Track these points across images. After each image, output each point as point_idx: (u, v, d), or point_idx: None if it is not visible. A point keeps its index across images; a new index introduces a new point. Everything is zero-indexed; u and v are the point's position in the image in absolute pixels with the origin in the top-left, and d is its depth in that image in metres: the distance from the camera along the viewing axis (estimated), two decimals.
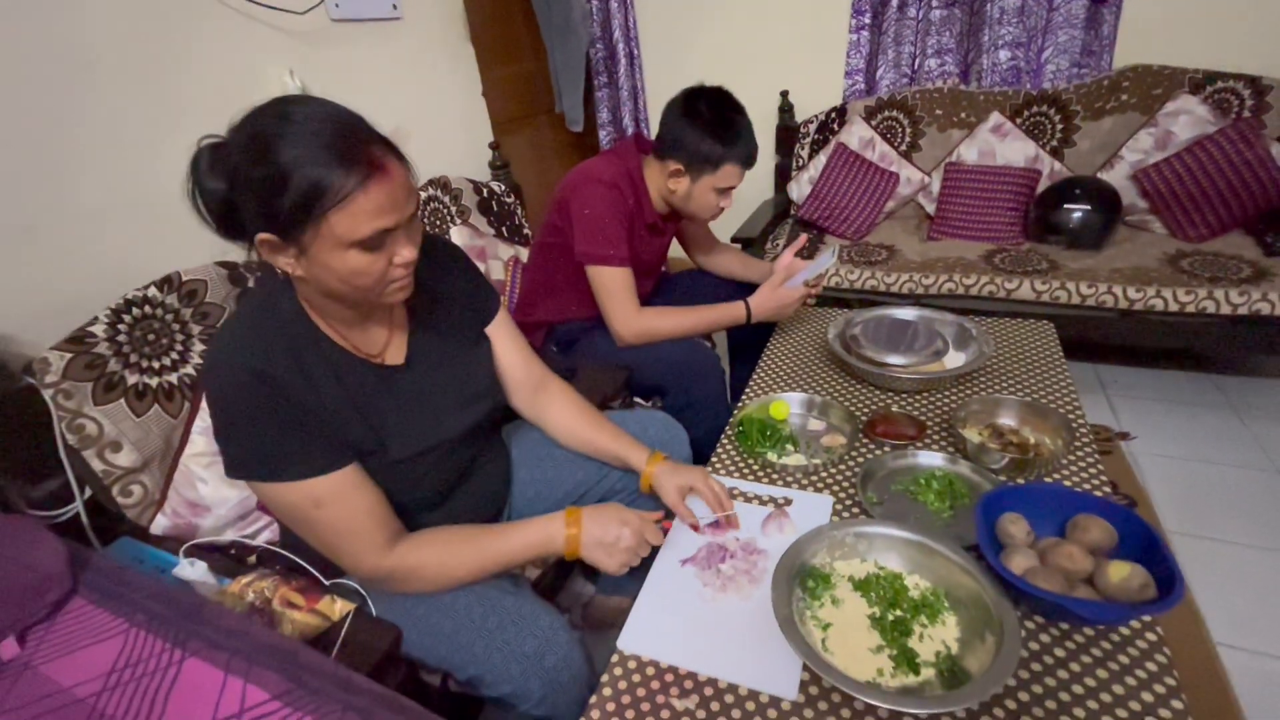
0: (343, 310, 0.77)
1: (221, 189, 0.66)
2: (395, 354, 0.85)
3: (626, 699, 0.70)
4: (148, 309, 1.07)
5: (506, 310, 1.01)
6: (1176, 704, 0.64)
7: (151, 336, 1.07)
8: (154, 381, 1.05)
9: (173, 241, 1.25)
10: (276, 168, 0.61)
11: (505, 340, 0.99)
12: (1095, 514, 0.79)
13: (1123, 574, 0.70)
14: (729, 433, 1.13)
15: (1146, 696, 0.65)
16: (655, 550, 0.88)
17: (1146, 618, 0.72)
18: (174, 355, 1.10)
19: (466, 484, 0.94)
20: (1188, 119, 1.95)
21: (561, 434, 1.04)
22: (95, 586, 0.69)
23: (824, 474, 1.02)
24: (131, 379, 1.03)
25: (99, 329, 1.01)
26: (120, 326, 1.03)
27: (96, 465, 0.97)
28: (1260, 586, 1.32)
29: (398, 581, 0.79)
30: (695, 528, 0.92)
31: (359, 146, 0.64)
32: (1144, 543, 0.74)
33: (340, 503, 0.74)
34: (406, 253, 0.71)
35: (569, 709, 0.78)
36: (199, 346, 1.13)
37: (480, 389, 0.94)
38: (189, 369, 1.11)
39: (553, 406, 1.04)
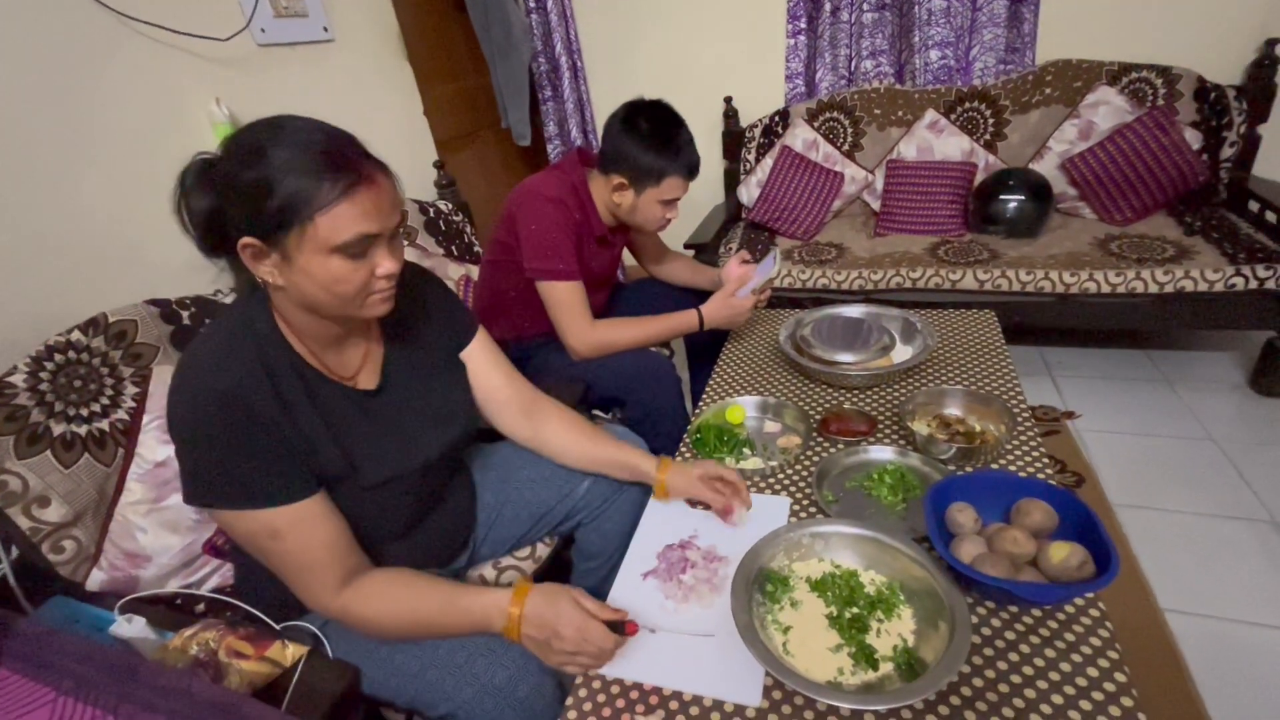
0: (320, 329, 0.76)
1: (208, 200, 0.68)
2: (369, 378, 0.84)
3: None
4: (72, 354, 1.02)
5: (485, 333, 0.99)
6: (1120, 676, 0.66)
7: (78, 383, 1.02)
8: (83, 430, 1.00)
9: (98, 282, 1.20)
10: (266, 171, 0.63)
11: (486, 362, 0.98)
12: (1037, 497, 0.82)
13: (1062, 554, 0.72)
14: (687, 440, 1.14)
15: (1093, 671, 0.67)
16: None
17: (1089, 594, 0.75)
18: (104, 400, 1.04)
19: (435, 513, 0.93)
20: (1107, 109, 2.05)
21: (562, 452, 1.02)
22: (19, 654, 0.65)
23: (780, 476, 1.03)
24: (58, 429, 0.97)
25: (18, 378, 0.95)
26: (42, 374, 0.98)
27: (23, 522, 0.92)
28: (1201, 552, 1.39)
29: (346, 623, 0.77)
30: (729, 510, 0.93)
31: (348, 156, 0.66)
32: (1083, 522, 0.77)
33: (297, 536, 0.72)
34: (389, 264, 0.71)
35: None
36: (132, 389, 1.08)
37: (454, 414, 0.92)
38: (122, 414, 1.06)
39: (549, 425, 1.02)
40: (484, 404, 0.99)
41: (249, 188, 0.64)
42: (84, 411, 1.02)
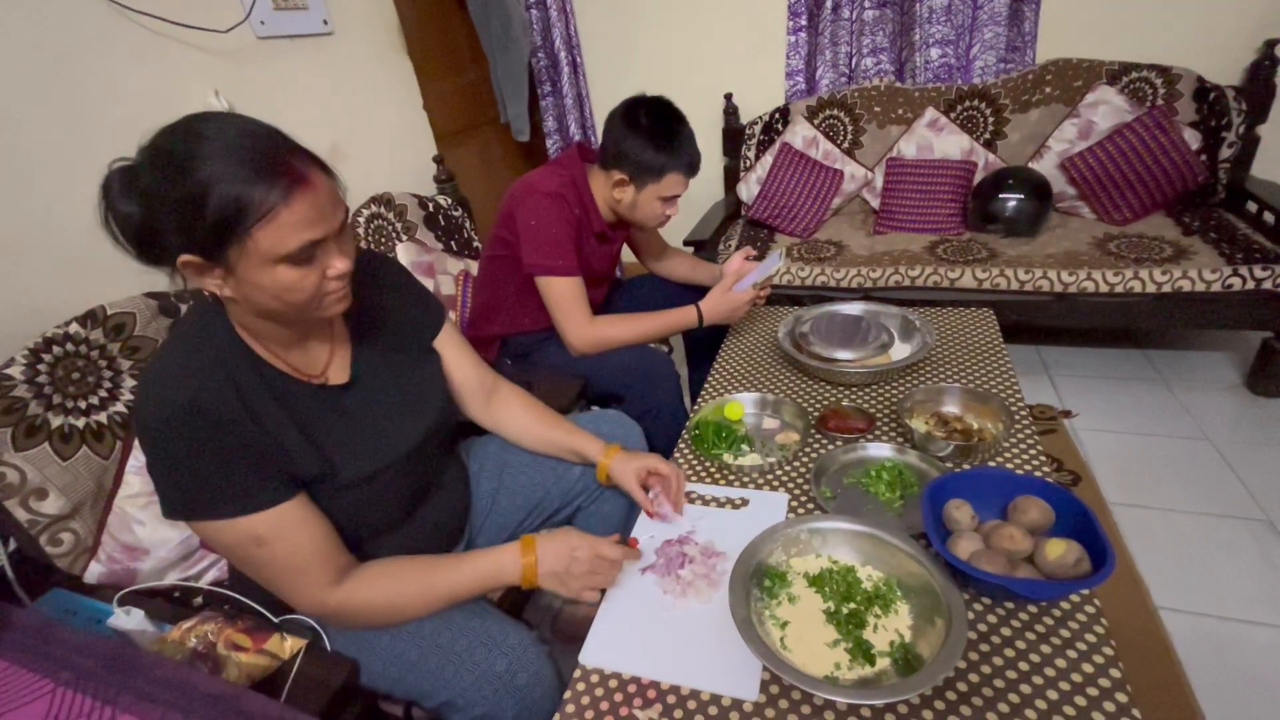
0: (279, 330, 0.74)
1: (136, 213, 0.63)
2: (339, 373, 0.82)
3: (590, 714, 0.70)
4: (70, 346, 1.02)
5: (452, 322, 1.00)
6: (1114, 672, 0.67)
7: (76, 375, 1.02)
8: (80, 422, 1.00)
9: (96, 275, 1.19)
10: (193, 186, 0.59)
11: (454, 351, 0.99)
12: (1034, 495, 0.82)
13: (1059, 551, 0.72)
14: (685, 436, 1.14)
15: (1087, 667, 0.67)
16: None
17: (1085, 591, 0.75)
18: (102, 393, 1.04)
19: (426, 505, 0.92)
20: (1107, 109, 2.05)
21: (518, 435, 1.05)
22: (17, 645, 0.65)
23: (779, 472, 1.03)
24: (55, 421, 0.97)
25: (16, 370, 0.95)
26: (40, 367, 0.98)
27: (20, 515, 0.92)
28: (1196, 550, 1.39)
29: (344, 619, 0.77)
30: (650, 514, 0.95)
31: (278, 159, 0.62)
32: (1079, 519, 0.78)
33: (282, 539, 0.71)
34: (339, 264, 0.69)
35: None
36: (130, 382, 1.08)
37: (428, 403, 0.92)
38: (119, 406, 1.06)
39: (506, 409, 1.05)
40: (452, 391, 1.00)
41: (178, 204, 0.60)
42: (82, 404, 1.01)
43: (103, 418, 1.03)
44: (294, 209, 0.62)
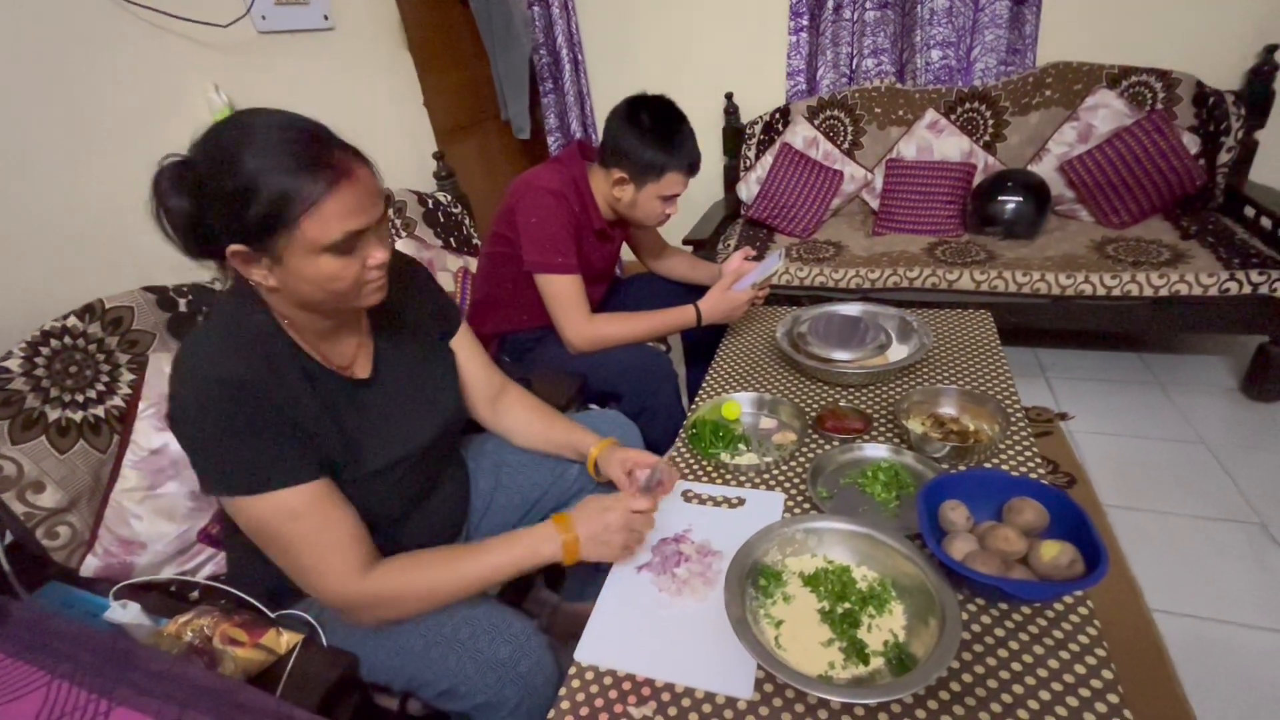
0: (315, 321, 0.77)
1: (186, 206, 0.66)
2: (362, 367, 0.85)
3: (585, 711, 0.70)
4: (68, 340, 1.02)
5: (466, 322, 1.02)
6: (1106, 674, 0.67)
7: (73, 369, 1.02)
8: (78, 416, 1.00)
9: (94, 268, 1.20)
10: (243, 178, 0.62)
11: (468, 353, 1.01)
12: (1029, 496, 0.82)
13: (1053, 553, 0.73)
14: (683, 435, 1.14)
15: (1079, 669, 0.68)
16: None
17: (1078, 592, 0.75)
18: (99, 387, 1.04)
19: (429, 499, 0.93)
20: (1106, 112, 2.06)
21: (520, 435, 1.06)
22: (13, 638, 0.65)
23: (775, 472, 1.03)
24: (53, 414, 0.97)
25: (13, 363, 0.95)
26: (38, 360, 0.98)
27: (17, 508, 0.92)
28: (1190, 553, 1.40)
29: (373, 608, 0.76)
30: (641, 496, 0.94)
31: (323, 151, 0.65)
32: (1073, 521, 0.78)
33: (317, 515, 0.72)
34: (379, 254, 0.72)
35: (542, 714, 0.78)
36: (128, 376, 1.08)
37: (443, 401, 0.94)
38: (117, 400, 1.06)
39: (510, 411, 1.06)
40: (462, 391, 1.01)
41: (228, 196, 0.63)
42: (79, 397, 1.01)
43: (100, 411, 1.03)
44: (339, 199, 0.65)
